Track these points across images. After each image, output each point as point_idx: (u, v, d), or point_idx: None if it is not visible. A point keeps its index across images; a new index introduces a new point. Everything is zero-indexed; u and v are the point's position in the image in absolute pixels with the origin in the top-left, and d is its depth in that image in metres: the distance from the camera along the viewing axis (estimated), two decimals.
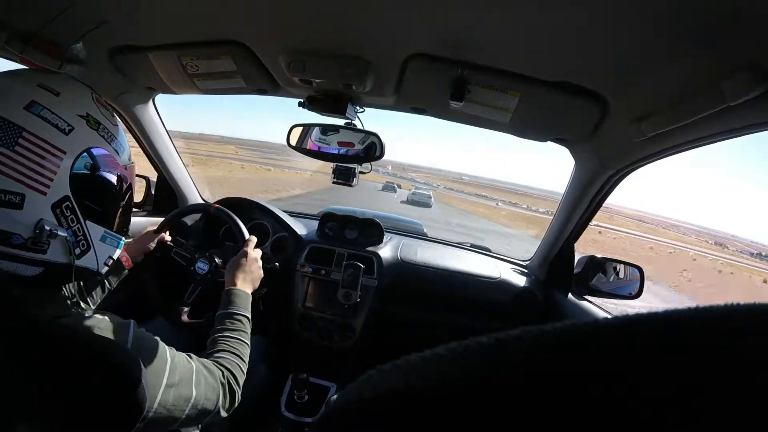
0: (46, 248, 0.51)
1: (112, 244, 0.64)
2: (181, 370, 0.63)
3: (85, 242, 0.57)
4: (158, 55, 0.98)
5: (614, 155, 1.03)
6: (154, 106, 1.40)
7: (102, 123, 0.57)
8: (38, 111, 0.49)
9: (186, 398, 0.62)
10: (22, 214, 0.48)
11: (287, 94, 1.16)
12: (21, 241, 0.49)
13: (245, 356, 0.84)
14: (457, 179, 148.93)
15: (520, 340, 0.15)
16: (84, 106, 0.55)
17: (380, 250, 1.59)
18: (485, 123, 1.06)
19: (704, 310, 0.15)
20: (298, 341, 1.57)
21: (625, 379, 0.13)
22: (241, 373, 0.80)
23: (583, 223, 1.32)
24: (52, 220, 0.51)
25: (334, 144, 1.24)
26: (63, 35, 0.88)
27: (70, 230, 0.53)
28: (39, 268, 0.52)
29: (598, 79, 0.77)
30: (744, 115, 0.64)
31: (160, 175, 1.61)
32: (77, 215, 0.54)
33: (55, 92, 0.52)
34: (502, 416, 0.14)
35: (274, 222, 1.65)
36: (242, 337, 0.86)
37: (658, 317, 0.15)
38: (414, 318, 1.55)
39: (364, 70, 0.90)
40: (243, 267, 1.01)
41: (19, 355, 0.43)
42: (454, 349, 0.16)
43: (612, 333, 0.15)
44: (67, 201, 0.52)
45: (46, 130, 0.49)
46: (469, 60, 0.80)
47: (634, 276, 1.36)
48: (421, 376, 0.16)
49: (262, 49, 0.90)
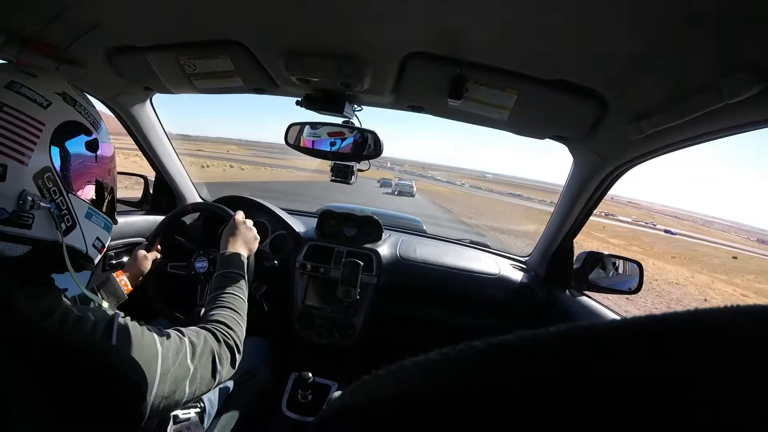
0: (31, 222, 0.53)
1: (98, 224, 0.64)
2: (173, 352, 0.63)
3: (70, 217, 0.58)
4: (156, 56, 0.98)
5: (613, 152, 1.03)
6: (152, 106, 1.40)
7: (78, 101, 0.59)
8: (18, 89, 0.52)
9: (184, 377, 0.62)
10: (5, 185, 0.49)
11: (285, 93, 1.16)
12: (6, 216, 0.50)
13: (241, 310, 0.85)
14: (480, 177, 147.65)
15: (514, 345, 0.15)
16: (61, 86, 0.58)
17: (379, 248, 1.59)
18: (483, 120, 1.06)
19: (703, 313, 0.15)
20: (298, 339, 1.58)
21: (623, 383, 0.13)
22: (238, 326, 0.80)
23: (582, 220, 1.32)
24: (34, 192, 0.52)
25: (325, 135, 1.25)
26: (60, 37, 0.88)
27: (54, 203, 0.55)
28: (26, 246, 0.53)
29: (597, 77, 0.77)
30: (743, 113, 0.64)
31: (158, 175, 1.61)
32: (60, 187, 0.55)
33: (32, 74, 0.55)
34: (496, 422, 0.14)
35: (272, 220, 1.65)
36: (236, 292, 0.87)
37: (657, 319, 0.15)
38: (414, 315, 1.56)
39: (362, 69, 0.89)
40: (233, 231, 1.04)
41: (13, 356, 0.43)
42: (448, 354, 0.16)
43: (608, 337, 0.15)
44: (48, 172, 0.53)
45: (25, 104, 0.52)
46: (468, 58, 0.80)
47: (633, 271, 1.37)
48: (414, 381, 0.16)
49: (260, 48, 0.89)
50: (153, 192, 1.66)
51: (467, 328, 1.52)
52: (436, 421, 0.15)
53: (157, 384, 0.57)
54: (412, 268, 1.56)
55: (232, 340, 0.76)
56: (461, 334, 1.47)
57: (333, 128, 1.24)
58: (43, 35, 0.85)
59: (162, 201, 1.66)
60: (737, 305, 0.14)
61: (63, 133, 0.55)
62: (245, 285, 0.91)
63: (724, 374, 0.13)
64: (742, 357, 0.13)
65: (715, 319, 0.14)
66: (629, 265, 1.39)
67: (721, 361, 0.13)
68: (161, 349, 0.61)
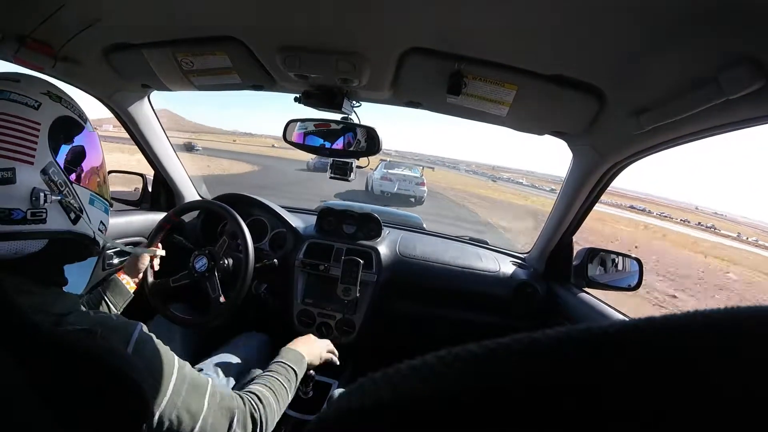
0: (45, 216, 0.56)
1: (100, 207, 0.68)
2: (192, 379, 0.62)
3: (78, 205, 0.61)
4: (153, 53, 0.97)
5: (612, 148, 1.03)
6: (150, 103, 1.39)
7: (63, 98, 0.62)
8: (7, 96, 0.54)
9: (196, 410, 0.60)
10: (17, 187, 0.52)
11: (283, 90, 1.16)
12: (22, 215, 0.53)
13: (282, 399, 0.83)
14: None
15: (510, 348, 0.15)
16: (44, 86, 0.61)
17: (379, 245, 1.59)
18: (482, 116, 1.06)
19: (701, 315, 0.14)
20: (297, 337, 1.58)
21: (623, 388, 0.13)
22: (271, 409, 0.77)
23: (581, 216, 1.32)
24: (44, 188, 0.55)
25: (311, 126, 1.25)
26: (57, 35, 0.87)
27: (62, 194, 0.58)
28: (43, 240, 0.57)
29: (596, 72, 0.76)
30: (744, 109, 0.63)
31: (156, 173, 1.61)
32: (64, 179, 0.59)
33: (15, 80, 0.58)
34: (491, 427, 0.14)
35: (272, 218, 1.65)
36: (285, 384, 0.87)
37: (656, 323, 0.14)
38: (414, 312, 1.56)
39: (360, 65, 0.89)
40: (311, 342, 1.10)
41: (19, 362, 0.43)
42: (443, 358, 0.16)
43: (607, 341, 0.14)
44: (52, 167, 0.57)
45: (19, 108, 0.54)
46: (466, 54, 0.79)
47: (633, 268, 1.37)
48: (409, 385, 0.16)
49: (257, 44, 0.89)
50: (152, 190, 1.66)
51: (468, 325, 1.53)
52: (430, 426, 0.15)
53: (167, 398, 0.57)
54: (412, 265, 1.56)
55: (258, 414, 0.73)
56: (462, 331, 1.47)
57: (333, 125, 1.24)
58: (39, 33, 0.84)
59: (160, 199, 1.66)
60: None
61: (57, 129, 0.58)
62: (295, 384, 0.92)
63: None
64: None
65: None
66: (629, 262, 1.39)
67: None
68: (178, 368, 0.61)
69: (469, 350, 0.16)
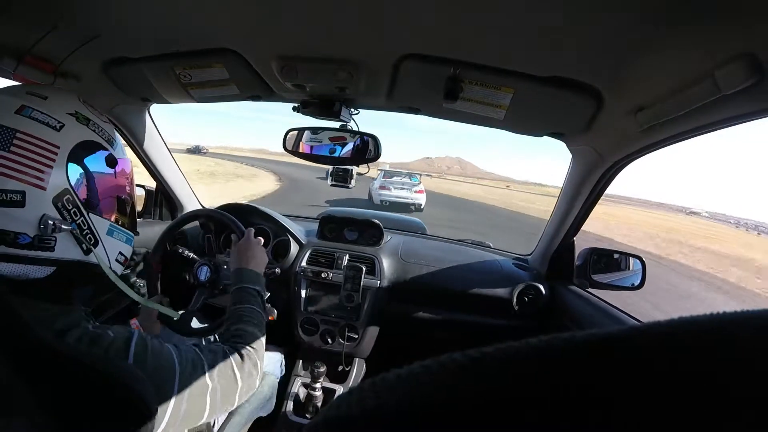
0: (53, 245, 0.53)
1: (120, 239, 0.64)
2: (190, 369, 0.62)
3: (92, 236, 0.58)
4: (151, 66, 0.98)
5: (611, 147, 1.03)
6: (150, 116, 1.40)
7: (91, 119, 0.59)
8: (29, 113, 0.51)
9: (202, 393, 0.62)
10: (25, 211, 0.49)
11: (281, 99, 1.17)
12: (28, 240, 0.50)
13: (262, 326, 0.84)
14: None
15: (495, 358, 0.15)
16: (72, 105, 0.57)
17: (381, 251, 1.59)
18: (480, 120, 1.06)
19: (703, 318, 0.14)
20: (302, 345, 1.58)
21: (625, 393, 0.13)
22: (260, 343, 0.80)
23: (582, 216, 1.32)
24: (54, 215, 0.52)
25: (326, 140, 1.23)
26: (56, 50, 0.88)
27: (75, 223, 0.54)
28: (50, 267, 0.54)
29: (592, 72, 0.77)
30: (740, 104, 0.63)
31: (158, 185, 1.62)
32: (79, 208, 0.55)
33: (42, 96, 0.55)
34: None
35: (274, 226, 1.65)
36: (258, 308, 0.87)
37: (657, 327, 0.14)
38: (417, 317, 1.55)
39: (356, 73, 0.90)
40: (250, 249, 1.02)
41: (24, 375, 0.43)
42: (429, 368, 0.16)
43: (600, 348, 0.14)
44: (67, 194, 0.53)
45: (38, 128, 0.51)
46: (462, 58, 0.80)
47: (636, 267, 1.36)
48: (395, 395, 0.16)
49: (254, 55, 0.90)
50: (154, 202, 1.66)
51: (471, 327, 1.52)
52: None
53: (173, 404, 0.57)
54: (415, 269, 1.56)
55: (254, 357, 0.75)
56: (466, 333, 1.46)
57: (334, 133, 1.23)
58: (38, 49, 0.85)
59: (163, 211, 1.66)
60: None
61: (79, 153, 0.55)
62: (262, 302, 0.91)
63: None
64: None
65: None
66: (632, 261, 1.38)
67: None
68: (179, 368, 0.60)
69: (454, 360, 0.16)
